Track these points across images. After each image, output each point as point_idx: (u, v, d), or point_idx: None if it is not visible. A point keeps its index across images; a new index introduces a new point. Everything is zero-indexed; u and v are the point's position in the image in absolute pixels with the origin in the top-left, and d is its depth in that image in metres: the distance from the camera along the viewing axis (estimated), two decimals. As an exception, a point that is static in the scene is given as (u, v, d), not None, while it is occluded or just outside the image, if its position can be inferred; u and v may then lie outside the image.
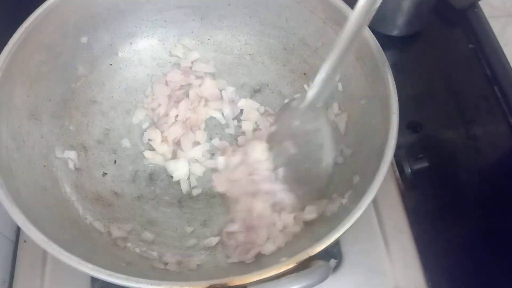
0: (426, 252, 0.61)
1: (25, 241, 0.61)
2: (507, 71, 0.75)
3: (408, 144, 0.70)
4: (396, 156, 0.66)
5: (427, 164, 0.65)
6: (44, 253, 0.60)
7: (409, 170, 0.65)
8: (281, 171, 0.59)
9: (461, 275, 0.61)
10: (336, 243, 0.61)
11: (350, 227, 0.45)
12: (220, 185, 0.63)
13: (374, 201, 0.64)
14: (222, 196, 0.62)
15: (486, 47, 0.79)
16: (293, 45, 0.67)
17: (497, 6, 1.14)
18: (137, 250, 0.57)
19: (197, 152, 0.65)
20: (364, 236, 0.62)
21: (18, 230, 0.63)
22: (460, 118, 0.73)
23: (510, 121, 0.72)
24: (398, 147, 0.49)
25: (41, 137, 0.59)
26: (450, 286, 0.60)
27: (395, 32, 0.80)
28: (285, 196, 0.58)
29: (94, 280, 0.58)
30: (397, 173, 0.67)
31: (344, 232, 0.45)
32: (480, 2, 0.82)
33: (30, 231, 0.45)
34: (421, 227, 0.63)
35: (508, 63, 0.76)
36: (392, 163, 0.66)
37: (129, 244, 0.57)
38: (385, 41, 0.55)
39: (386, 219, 0.63)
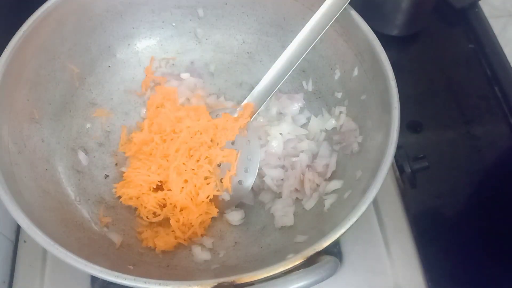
0: (426, 252, 0.61)
1: (25, 241, 0.61)
2: (507, 71, 0.75)
3: (408, 144, 0.70)
4: (396, 156, 0.66)
5: (427, 164, 0.65)
6: (44, 253, 0.60)
7: (409, 170, 0.65)
8: None
9: (461, 275, 0.61)
10: (336, 243, 0.61)
11: (352, 225, 0.45)
12: None
13: (374, 201, 0.64)
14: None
15: (486, 47, 0.79)
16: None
17: (497, 6, 1.14)
18: (142, 251, 0.57)
19: None
20: (364, 236, 0.62)
21: (18, 230, 0.63)
22: (460, 118, 0.73)
23: (510, 121, 0.72)
24: (398, 147, 0.49)
25: (42, 141, 0.59)
26: (450, 286, 0.60)
27: (395, 32, 0.80)
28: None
29: (94, 280, 0.58)
30: (397, 173, 0.67)
31: (347, 229, 0.45)
32: (480, 2, 0.82)
33: (35, 234, 0.45)
34: (421, 227, 0.63)
35: (508, 63, 0.76)
36: (392, 163, 0.66)
37: (133, 246, 0.57)
38: (385, 41, 0.55)
39: (386, 219, 0.63)
